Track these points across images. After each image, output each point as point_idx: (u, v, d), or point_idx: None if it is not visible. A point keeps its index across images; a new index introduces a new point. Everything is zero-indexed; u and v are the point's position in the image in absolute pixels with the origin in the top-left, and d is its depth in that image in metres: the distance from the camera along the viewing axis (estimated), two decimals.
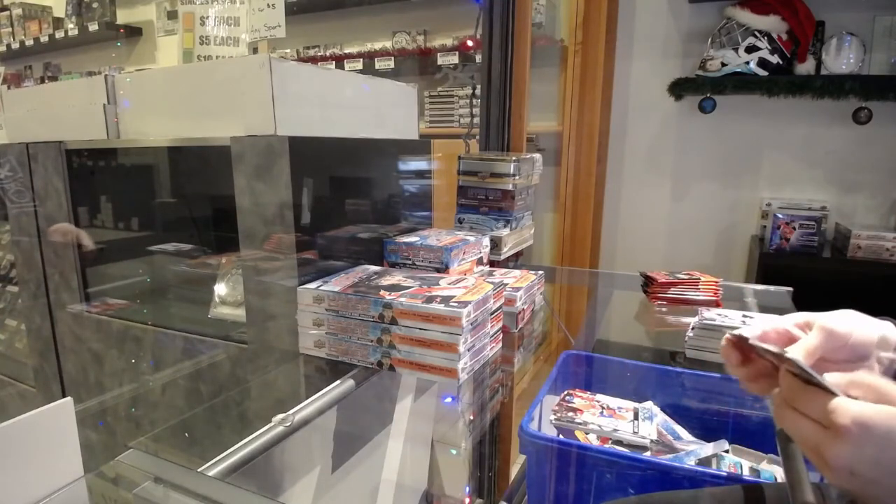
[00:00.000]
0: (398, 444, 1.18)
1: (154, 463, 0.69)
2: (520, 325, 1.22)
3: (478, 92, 1.82)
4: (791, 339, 0.56)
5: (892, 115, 2.24)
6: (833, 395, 0.44)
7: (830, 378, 0.46)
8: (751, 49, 2.27)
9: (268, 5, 1.29)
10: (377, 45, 3.26)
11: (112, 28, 4.10)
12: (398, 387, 1.15)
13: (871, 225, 2.30)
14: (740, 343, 0.54)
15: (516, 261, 1.61)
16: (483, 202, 1.50)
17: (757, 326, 0.57)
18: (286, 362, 1.08)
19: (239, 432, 0.77)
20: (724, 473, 0.73)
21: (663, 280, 1.39)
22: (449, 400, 1.18)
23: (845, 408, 0.43)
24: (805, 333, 0.55)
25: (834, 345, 0.53)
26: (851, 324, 0.54)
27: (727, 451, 0.86)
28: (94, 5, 4.12)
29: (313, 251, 1.08)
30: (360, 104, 1.30)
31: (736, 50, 2.28)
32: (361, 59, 3.11)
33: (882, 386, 0.44)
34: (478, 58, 1.86)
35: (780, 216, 2.26)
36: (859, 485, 0.42)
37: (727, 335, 0.55)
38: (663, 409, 0.94)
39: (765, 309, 1.29)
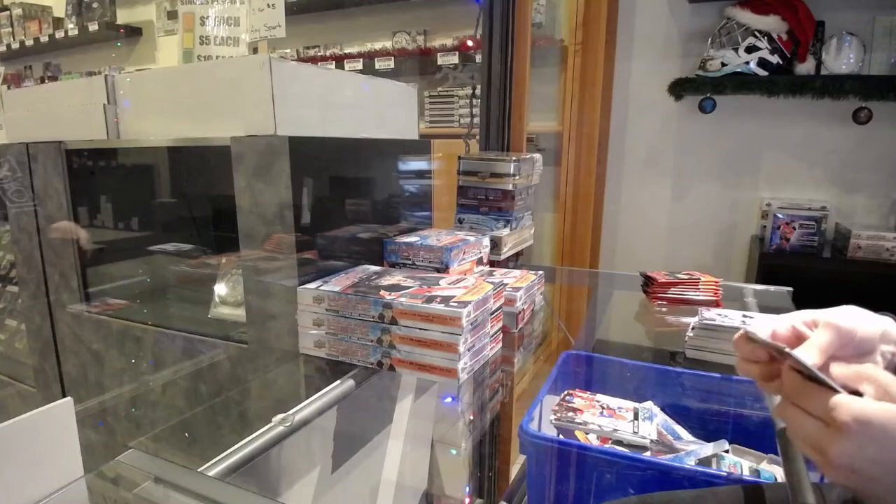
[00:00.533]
0: (398, 444, 1.18)
1: (154, 463, 0.69)
2: (520, 325, 1.22)
3: (478, 92, 1.82)
4: (800, 337, 0.56)
5: (892, 115, 2.24)
6: (835, 391, 0.44)
7: (837, 370, 0.46)
8: (751, 49, 2.27)
9: (268, 5, 1.29)
10: (377, 45, 3.26)
11: (112, 28, 4.10)
12: (398, 387, 1.15)
13: (871, 225, 2.30)
14: (748, 339, 0.54)
15: (516, 261, 1.61)
16: (483, 202, 1.50)
17: (766, 325, 0.58)
18: (286, 362, 1.08)
19: (239, 432, 0.77)
20: (724, 473, 0.73)
21: (663, 280, 1.39)
22: (449, 400, 1.18)
23: (847, 405, 0.43)
24: (812, 331, 0.55)
25: (842, 341, 0.53)
26: (855, 319, 0.54)
27: (727, 451, 0.85)
28: (94, 5, 4.12)
29: (313, 251, 1.08)
30: (360, 104, 1.30)
31: (736, 50, 2.28)
32: (361, 59, 3.11)
33: (889, 382, 0.44)
34: (478, 58, 1.86)
35: (780, 216, 2.26)
36: (860, 482, 0.43)
37: (741, 332, 0.55)
38: (663, 409, 0.94)
39: (765, 309, 1.29)
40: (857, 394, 0.45)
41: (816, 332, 0.54)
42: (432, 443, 1.29)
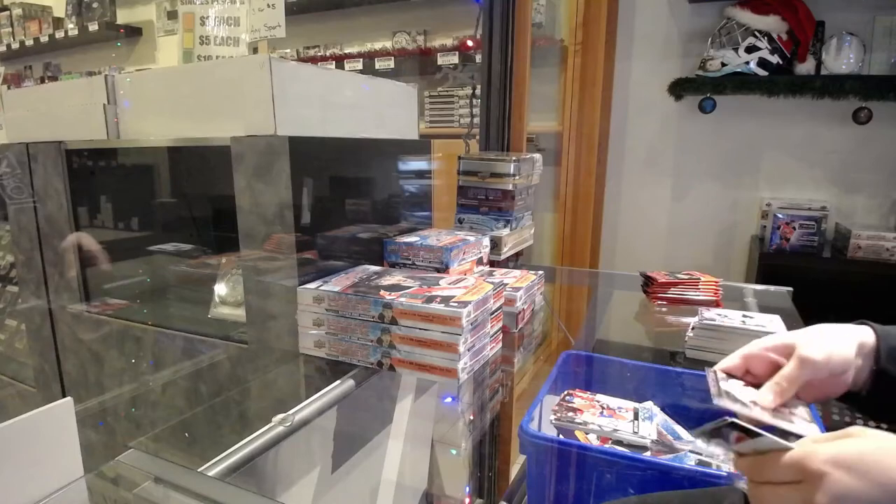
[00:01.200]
0: (398, 444, 1.17)
1: (154, 463, 0.69)
2: (520, 325, 1.22)
3: (478, 92, 1.82)
4: (775, 367, 0.57)
5: (892, 115, 2.24)
6: (789, 448, 0.44)
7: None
8: (751, 49, 2.27)
9: (268, 5, 1.29)
10: (377, 45, 3.26)
11: (112, 28, 4.10)
12: (398, 387, 1.15)
13: (871, 225, 2.30)
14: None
15: (516, 261, 1.61)
16: (483, 202, 1.50)
17: (735, 355, 0.59)
18: (286, 362, 1.08)
19: (239, 432, 0.77)
20: (724, 473, 0.73)
21: (663, 280, 1.39)
22: (449, 400, 1.18)
23: (813, 453, 0.43)
24: (785, 360, 0.56)
25: (813, 371, 0.54)
26: (828, 347, 0.54)
27: None
28: (94, 5, 4.12)
29: (313, 251, 1.08)
30: (360, 104, 1.30)
31: (736, 50, 2.28)
32: (361, 59, 3.11)
33: (832, 435, 0.45)
34: (478, 58, 1.86)
35: (780, 216, 2.26)
36: None
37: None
38: (663, 409, 0.94)
39: (765, 309, 1.29)
40: None
41: (788, 366, 0.55)
42: (432, 443, 1.29)
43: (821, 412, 0.72)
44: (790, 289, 1.48)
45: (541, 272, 1.38)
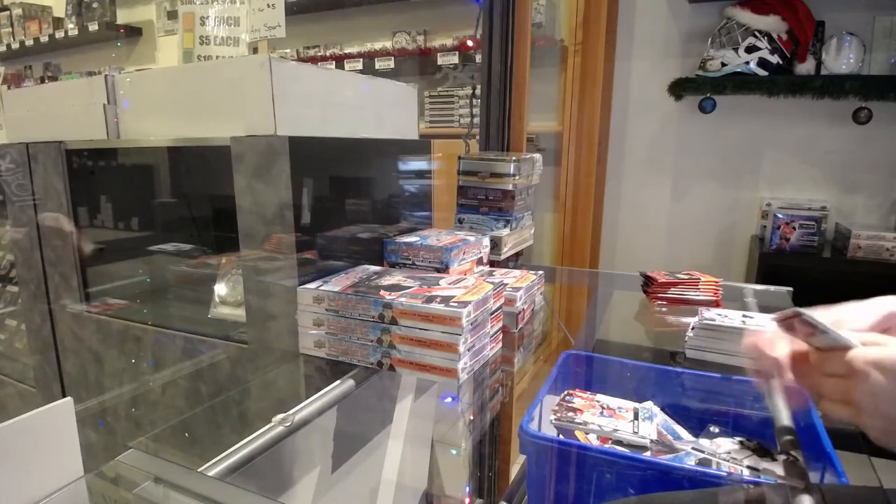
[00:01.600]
0: (398, 444, 1.17)
1: (154, 463, 0.69)
2: (520, 325, 1.22)
3: (478, 92, 1.82)
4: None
5: (892, 115, 2.24)
6: (850, 348, 0.51)
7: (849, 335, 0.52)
8: (751, 49, 2.27)
9: (268, 5, 1.29)
10: (377, 45, 3.26)
11: (112, 28, 4.11)
12: (398, 387, 1.15)
13: (871, 225, 2.30)
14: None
15: (516, 261, 1.61)
16: (483, 202, 1.50)
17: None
18: (286, 362, 1.08)
19: (239, 432, 0.77)
20: (724, 473, 0.73)
21: (663, 280, 1.39)
22: (449, 400, 1.18)
23: (861, 353, 0.50)
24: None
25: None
26: None
27: (728, 451, 0.85)
28: (94, 5, 4.13)
29: (313, 251, 1.08)
30: (360, 104, 1.30)
31: (736, 50, 2.28)
32: (361, 59, 3.11)
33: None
34: (478, 58, 1.86)
35: (780, 216, 2.26)
36: (888, 424, 0.48)
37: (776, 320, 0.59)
38: (663, 409, 0.94)
39: (765, 309, 1.29)
40: None
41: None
42: (432, 443, 1.29)
43: None
44: (790, 289, 1.48)
45: (541, 272, 1.37)
